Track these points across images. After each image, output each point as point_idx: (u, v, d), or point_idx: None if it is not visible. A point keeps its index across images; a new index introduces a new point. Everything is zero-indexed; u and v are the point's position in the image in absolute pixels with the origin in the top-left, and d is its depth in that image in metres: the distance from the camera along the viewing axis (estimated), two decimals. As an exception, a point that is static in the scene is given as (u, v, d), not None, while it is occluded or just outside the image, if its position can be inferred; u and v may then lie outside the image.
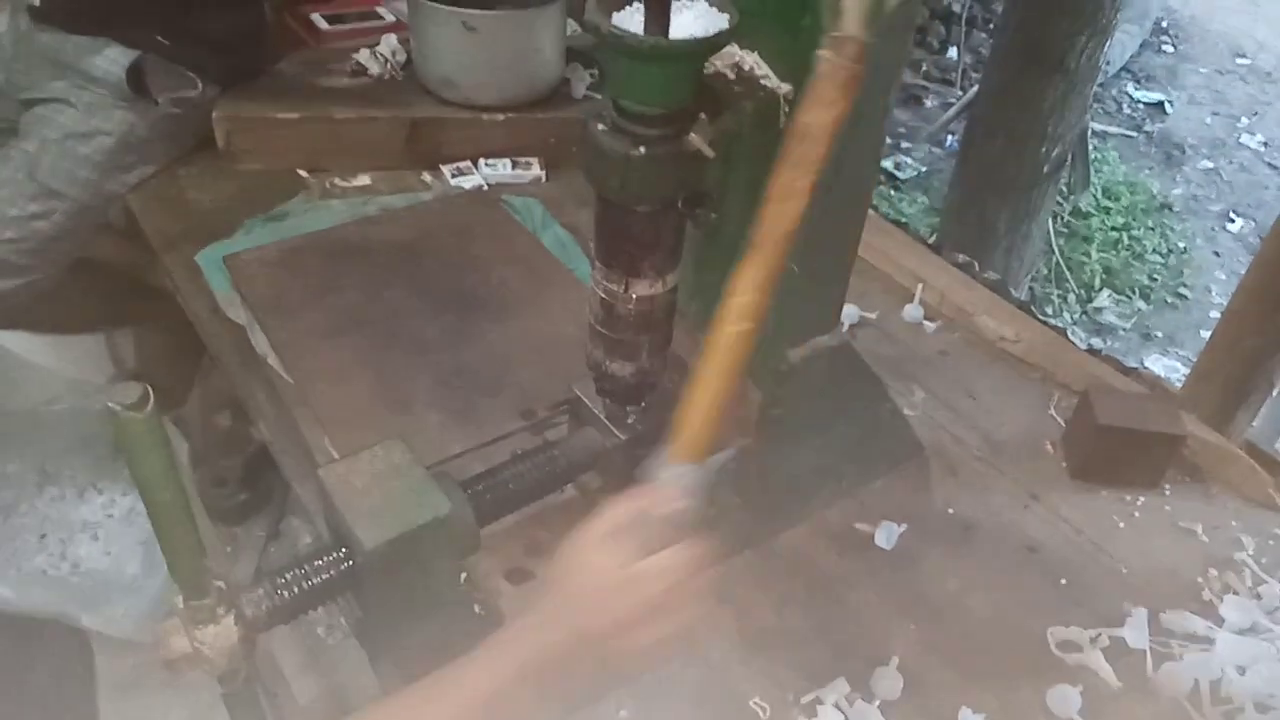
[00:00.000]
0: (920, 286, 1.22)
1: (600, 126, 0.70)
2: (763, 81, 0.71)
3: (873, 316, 1.19)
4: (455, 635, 0.68)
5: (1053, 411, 1.08)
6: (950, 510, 0.96)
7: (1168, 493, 1.00)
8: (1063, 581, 0.90)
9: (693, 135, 0.70)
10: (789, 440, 0.88)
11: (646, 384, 0.84)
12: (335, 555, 0.72)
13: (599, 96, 1.43)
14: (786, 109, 0.71)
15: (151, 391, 0.55)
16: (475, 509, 0.79)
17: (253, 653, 0.68)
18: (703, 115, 0.71)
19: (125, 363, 1.67)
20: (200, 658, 0.65)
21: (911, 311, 1.20)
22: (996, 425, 1.06)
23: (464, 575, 0.83)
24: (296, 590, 0.70)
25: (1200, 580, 0.91)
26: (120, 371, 1.66)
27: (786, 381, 0.83)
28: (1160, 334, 3.08)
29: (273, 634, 0.72)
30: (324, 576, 0.71)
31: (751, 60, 0.71)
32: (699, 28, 0.67)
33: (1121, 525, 0.96)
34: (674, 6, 0.66)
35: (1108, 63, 3.78)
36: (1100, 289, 3.16)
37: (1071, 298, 3.11)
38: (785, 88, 0.70)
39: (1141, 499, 0.99)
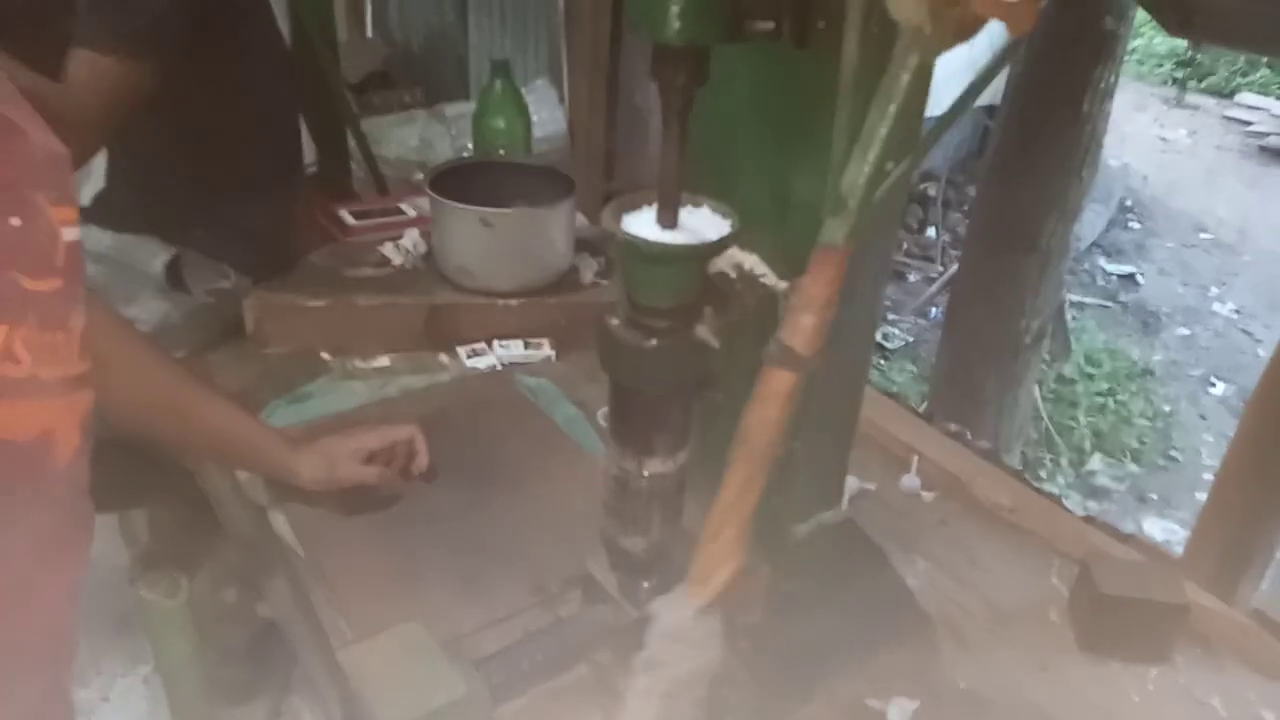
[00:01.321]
0: (916, 457, 1.27)
1: (614, 321, 0.77)
2: (762, 280, 0.78)
3: (872, 487, 1.23)
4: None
5: (1055, 579, 1.10)
6: (962, 684, 0.96)
7: (1180, 664, 1.00)
8: (1081, 759, 0.89)
9: (699, 327, 0.77)
10: (798, 616, 0.89)
11: (659, 559, 0.87)
12: (354, 738, 0.72)
13: (605, 282, 1.53)
14: (784, 303, 0.78)
15: (186, 583, 0.58)
16: (489, 690, 0.80)
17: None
18: (708, 308, 0.78)
19: (138, 539, 1.67)
20: None
21: (909, 481, 1.24)
22: (1001, 594, 1.08)
23: (477, 758, 0.83)
24: (314, 776, 0.70)
25: (1222, 756, 0.90)
26: (132, 548, 1.66)
27: (793, 557, 0.86)
28: (1155, 495, 3.10)
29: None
30: (342, 761, 0.72)
31: (751, 261, 0.79)
32: (703, 231, 0.76)
33: (1136, 699, 0.96)
34: (680, 211, 0.75)
35: (1078, 239, 4.01)
36: (1091, 452, 3.22)
37: (1064, 461, 3.16)
38: (783, 285, 0.78)
39: (1154, 670, 0.99)
